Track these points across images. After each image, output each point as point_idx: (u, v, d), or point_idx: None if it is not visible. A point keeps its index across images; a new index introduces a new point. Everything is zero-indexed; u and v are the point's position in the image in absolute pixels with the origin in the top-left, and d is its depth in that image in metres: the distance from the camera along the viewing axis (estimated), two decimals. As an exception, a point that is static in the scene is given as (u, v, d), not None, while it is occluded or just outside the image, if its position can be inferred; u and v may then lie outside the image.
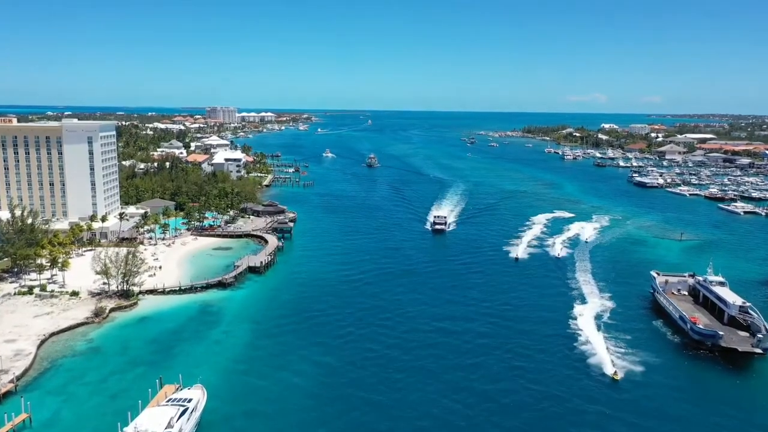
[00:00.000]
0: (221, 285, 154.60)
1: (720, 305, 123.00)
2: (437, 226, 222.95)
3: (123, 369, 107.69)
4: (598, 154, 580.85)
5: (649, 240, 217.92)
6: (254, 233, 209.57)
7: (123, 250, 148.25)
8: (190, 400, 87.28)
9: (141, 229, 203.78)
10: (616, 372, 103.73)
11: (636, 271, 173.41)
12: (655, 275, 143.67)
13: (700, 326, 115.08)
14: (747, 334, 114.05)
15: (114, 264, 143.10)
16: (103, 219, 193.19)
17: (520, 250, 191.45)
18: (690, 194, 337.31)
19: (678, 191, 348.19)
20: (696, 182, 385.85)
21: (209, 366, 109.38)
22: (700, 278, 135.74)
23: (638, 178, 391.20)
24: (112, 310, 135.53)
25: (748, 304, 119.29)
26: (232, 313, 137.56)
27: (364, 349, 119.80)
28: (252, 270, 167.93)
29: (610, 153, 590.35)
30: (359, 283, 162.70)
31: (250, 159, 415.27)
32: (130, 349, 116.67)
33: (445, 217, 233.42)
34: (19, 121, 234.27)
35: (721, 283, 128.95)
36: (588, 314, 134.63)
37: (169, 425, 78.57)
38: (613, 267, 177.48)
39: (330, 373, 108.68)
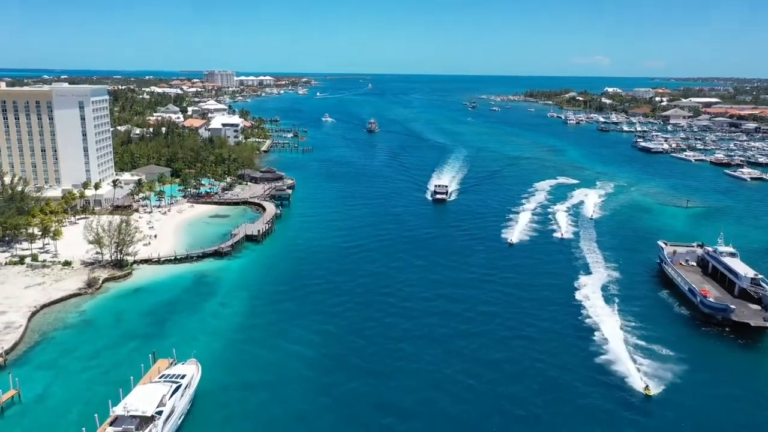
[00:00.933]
0: (218, 254, 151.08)
1: (731, 277, 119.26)
2: (438, 196, 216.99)
3: (116, 342, 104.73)
4: (602, 119, 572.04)
5: (655, 207, 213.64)
6: (252, 200, 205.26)
7: (116, 219, 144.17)
8: (183, 376, 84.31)
9: (136, 197, 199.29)
10: (647, 387, 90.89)
11: (642, 239, 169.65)
12: (663, 245, 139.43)
13: (711, 300, 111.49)
14: (759, 308, 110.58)
15: (107, 233, 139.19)
16: (97, 186, 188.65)
17: (516, 232, 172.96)
18: (695, 160, 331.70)
19: (683, 157, 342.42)
20: (701, 147, 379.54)
21: (205, 339, 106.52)
22: (710, 249, 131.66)
23: (642, 144, 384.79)
24: (106, 280, 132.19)
25: (760, 276, 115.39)
26: (229, 284, 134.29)
27: (364, 318, 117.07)
28: (249, 238, 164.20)
29: (613, 117, 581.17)
30: (359, 251, 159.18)
31: (248, 124, 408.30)
32: (123, 322, 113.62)
33: (446, 186, 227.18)
34: (12, 86, 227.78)
35: (732, 254, 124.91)
36: (593, 285, 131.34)
37: (161, 403, 75.63)
38: (618, 236, 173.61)
39: (330, 344, 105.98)
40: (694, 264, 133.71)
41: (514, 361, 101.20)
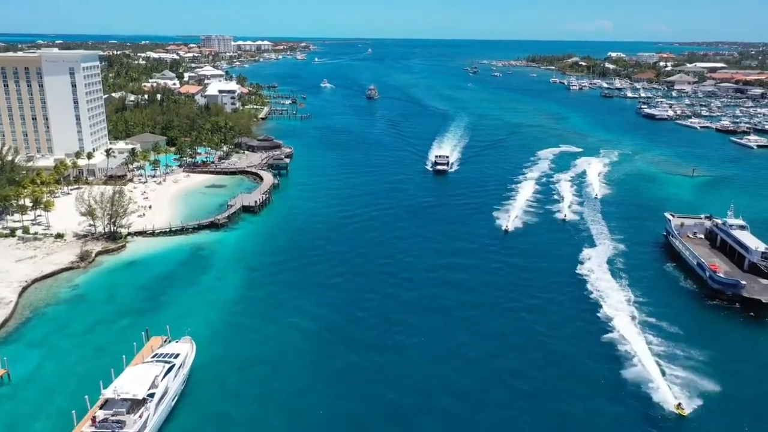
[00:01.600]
0: (214, 226, 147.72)
1: (740, 251, 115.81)
2: (439, 167, 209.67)
3: (109, 319, 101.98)
4: (605, 85, 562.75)
5: (660, 176, 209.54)
6: (249, 170, 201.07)
7: (108, 190, 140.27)
8: (177, 356, 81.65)
9: (130, 166, 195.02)
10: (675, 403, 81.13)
11: (647, 210, 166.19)
12: (670, 217, 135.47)
13: (721, 275, 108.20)
14: None
15: (99, 205, 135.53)
16: (89, 156, 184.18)
17: (511, 217, 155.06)
18: (701, 127, 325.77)
19: (688, 124, 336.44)
20: (707, 114, 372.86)
21: (200, 315, 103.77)
22: (719, 221, 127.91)
23: (647, 110, 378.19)
24: (99, 253, 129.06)
25: None
26: (225, 257, 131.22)
27: (364, 290, 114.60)
28: (246, 209, 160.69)
29: (617, 83, 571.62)
30: (358, 221, 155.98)
31: (246, 90, 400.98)
32: (116, 297, 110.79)
33: (447, 157, 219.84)
34: (6, 51, 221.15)
35: (742, 227, 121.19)
36: (598, 258, 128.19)
37: (153, 385, 73.05)
38: (623, 206, 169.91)
39: (329, 320, 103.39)
40: (702, 237, 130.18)
41: (516, 334, 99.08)
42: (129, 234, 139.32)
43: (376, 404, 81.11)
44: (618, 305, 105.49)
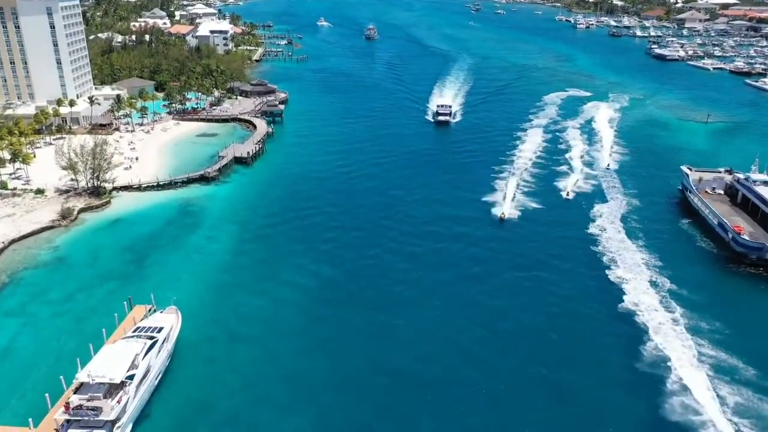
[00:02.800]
0: (204, 179, 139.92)
1: (764, 209, 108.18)
2: (441, 117, 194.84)
3: (91, 284, 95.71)
4: (613, 23, 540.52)
5: (672, 123, 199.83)
6: (242, 117, 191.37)
7: (90, 142, 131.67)
8: (160, 329, 75.69)
9: (116, 114, 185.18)
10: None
11: (660, 161, 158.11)
12: (687, 171, 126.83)
13: (745, 237, 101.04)
14: None
15: (80, 158, 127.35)
16: (72, 103, 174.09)
17: (506, 205, 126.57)
18: (714, 68, 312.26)
19: (701, 65, 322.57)
20: (719, 54, 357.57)
21: (188, 279, 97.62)
22: (740, 176, 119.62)
23: (657, 50, 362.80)
24: (82, 210, 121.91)
25: None
26: (216, 214, 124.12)
27: (362, 254, 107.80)
28: (238, 161, 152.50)
29: (625, 21, 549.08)
30: (356, 174, 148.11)
31: (239, 30, 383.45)
32: (99, 260, 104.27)
33: (449, 107, 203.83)
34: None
35: (766, 183, 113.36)
36: (609, 214, 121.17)
37: (133, 365, 67.26)
38: (634, 157, 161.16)
39: (325, 285, 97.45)
40: (721, 192, 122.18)
41: (523, 297, 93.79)
42: (114, 189, 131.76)
43: (381, 374, 76.18)
44: (632, 268, 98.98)
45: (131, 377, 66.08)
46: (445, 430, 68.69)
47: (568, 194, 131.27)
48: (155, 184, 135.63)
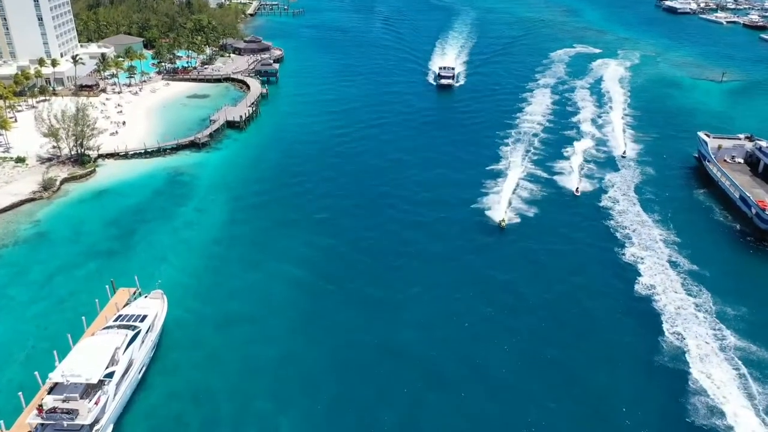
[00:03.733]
0: (194, 145, 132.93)
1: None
2: (444, 80, 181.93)
3: (74, 263, 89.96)
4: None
5: (685, 82, 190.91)
6: (234, 77, 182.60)
7: (71, 107, 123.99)
8: (143, 318, 70.22)
9: (103, 74, 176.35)
10: None
11: (673, 123, 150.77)
12: (705, 138, 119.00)
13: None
14: None
15: (62, 124, 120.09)
16: (54, 63, 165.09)
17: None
18: (727, 22, 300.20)
19: (713, 18, 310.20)
20: (732, 7, 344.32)
21: (176, 257, 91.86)
22: (763, 143, 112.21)
23: (668, 3, 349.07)
24: (65, 181, 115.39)
25: None
26: (206, 183, 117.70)
27: (361, 226, 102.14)
28: (230, 125, 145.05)
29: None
30: (354, 139, 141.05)
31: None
32: (83, 235, 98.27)
33: (452, 69, 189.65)
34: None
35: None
36: (622, 184, 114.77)
37: (113, 361, 62.04)
38: (646, 120, 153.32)
39: (322, 261, 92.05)
40: (741, 161, 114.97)
41: (531, 270, 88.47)
42: (99, 156, 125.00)
43: (376, 373, 70.99)
44: (650, 245, 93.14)
45: (111, 375, 60.96)
46: (449, 411, 64.33)
47: (578, 187, 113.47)
48: (143, 151, 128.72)
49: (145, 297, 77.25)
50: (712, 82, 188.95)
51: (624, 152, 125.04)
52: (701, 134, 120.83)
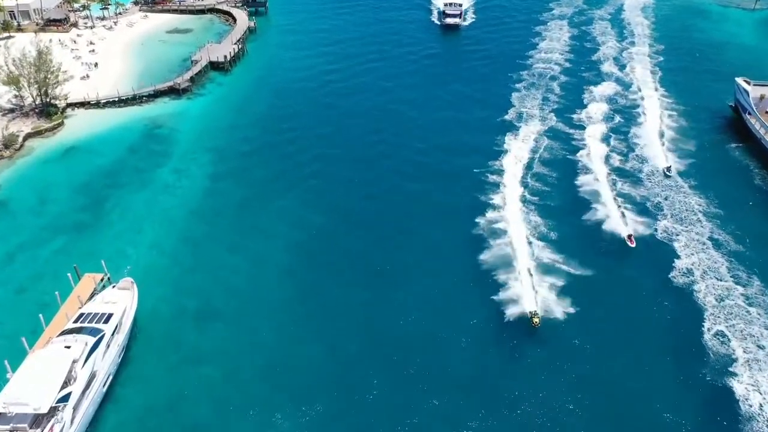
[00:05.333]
0: (174, 92, 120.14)
1: None
2: (449, 20, 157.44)
3: (36, 240, 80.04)
4: None
5: (713, 11, 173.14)
6: (219, 7, 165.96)
7: (32, 51, 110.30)
8: (109, 318, 61.01)
9: (73, 5, 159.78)
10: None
11: (701, 63, 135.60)
12: (745, 86, 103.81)
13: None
14: None
15: (21, 70, 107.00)
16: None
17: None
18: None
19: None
20: None
21: (152, 231, 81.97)
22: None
23: None
24: (29, 136, 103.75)
25: None
26: (187, 138, 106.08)
27: (359, 194, 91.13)
28: (214, 66, 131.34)
29: None
30: (351, 83, 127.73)
31: None
32: (48, 204, 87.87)
33: (459, 5, 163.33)
34: None
35: None
36: (646, 137, 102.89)
37: (69, 379, 53.36)
38: (671, 57, 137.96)
39: (317, 234, 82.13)
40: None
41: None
42: (68, 106, 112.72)
43: (384, 351, 63.16)
44: (686, 217, 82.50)
45: (66, 397, 52.34)
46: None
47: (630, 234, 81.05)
48: (116, 99, 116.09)
49: (113, 287, 67.95)
50: (743, 11, 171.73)
51: (669, 167, 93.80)
52: (740, 80, 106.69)
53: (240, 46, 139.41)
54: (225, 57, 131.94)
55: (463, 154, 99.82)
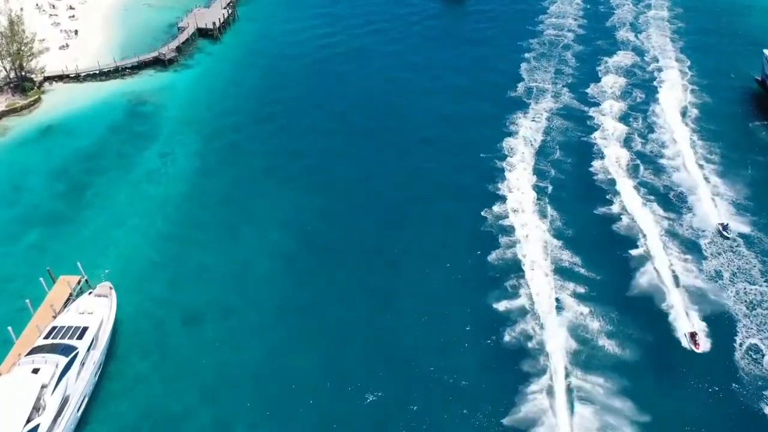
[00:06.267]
0: (159, 63, 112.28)
1: None
2: None
3: (9, 236, 74.33)
4: None
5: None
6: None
7: (3, 20, 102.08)
8: (83, 332, 55.72)
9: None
10: None
11: (721, 28, 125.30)
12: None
13: None
14: None
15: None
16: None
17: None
18: None
19: None
20: None
21: (135, 225, 76.43)
22: None
23: None
24: (3, 114, 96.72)
25: None
26: (173, 115, 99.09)
27: (359, 178, 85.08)
28: (203, 34, 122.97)
29: None
30: (349, 51, 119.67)
31: None
32: (23, 193, 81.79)
33: None
34: None
35: None
36: (669, 110, 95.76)
37: (37, 408, 48.43)
38: (691, 22, 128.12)
39: (313, 228, 76.48)
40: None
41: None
42: (45, 79, 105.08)
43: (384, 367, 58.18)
44: (709, 210, 76.29)
45: (34, 430, 47.41)
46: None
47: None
48: (97, 72, 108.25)
49: (90, 293, 62.44)
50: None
51: (726, 225, 73.51)
52: None
53: (230, 11, 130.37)
54: (214, 24, 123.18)
55: (470, 128, 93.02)
